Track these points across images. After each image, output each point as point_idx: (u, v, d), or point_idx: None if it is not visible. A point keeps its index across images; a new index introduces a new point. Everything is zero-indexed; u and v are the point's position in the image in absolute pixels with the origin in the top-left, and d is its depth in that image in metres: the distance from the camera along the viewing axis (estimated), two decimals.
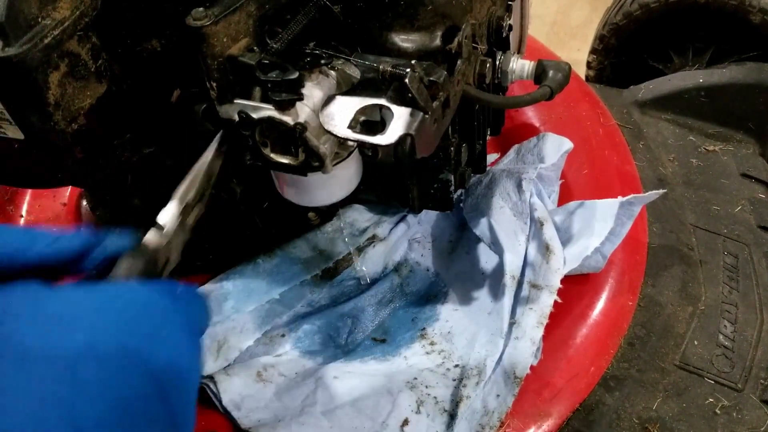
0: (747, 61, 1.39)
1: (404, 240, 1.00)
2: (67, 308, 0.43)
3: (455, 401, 0.79)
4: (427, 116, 0.60)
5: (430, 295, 0.96)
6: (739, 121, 1.32)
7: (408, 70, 0.59)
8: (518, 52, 1.00)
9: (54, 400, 0.40)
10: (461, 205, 0.98)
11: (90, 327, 0.43)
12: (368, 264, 0.96)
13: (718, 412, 0.86)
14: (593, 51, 1.62)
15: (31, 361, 0.40)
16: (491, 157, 1.10)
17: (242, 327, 0.88)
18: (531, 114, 1.18)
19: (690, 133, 1.31)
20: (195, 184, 0.59)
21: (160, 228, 0.56)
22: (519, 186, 0.91)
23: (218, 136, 0.62)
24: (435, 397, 0.80)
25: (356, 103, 0.61)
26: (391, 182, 0.86)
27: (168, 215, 0.56)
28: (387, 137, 0.57)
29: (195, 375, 0.49)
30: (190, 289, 0.50)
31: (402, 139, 0.57)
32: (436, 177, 0.83)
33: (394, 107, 0.60)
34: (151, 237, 0.55)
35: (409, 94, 0.59)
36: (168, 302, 0.48)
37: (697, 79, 1.34)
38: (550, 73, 0.81)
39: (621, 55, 1.59)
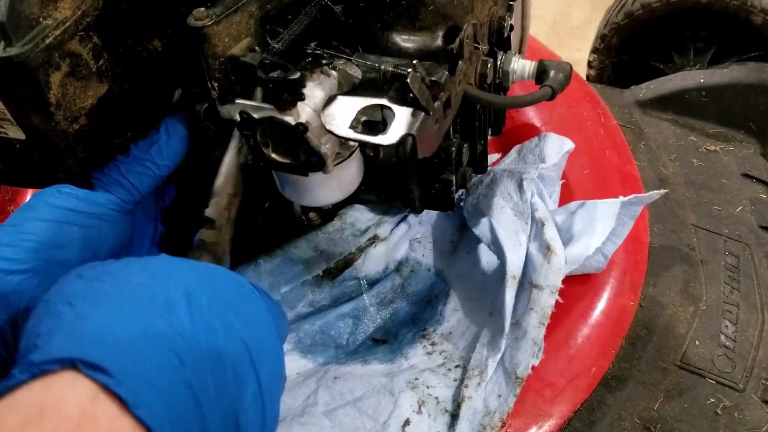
0: (748, 62, 1.39)
1: (405, 240, 1.00)
2: (166, 265, 0.47)
3: (457, 401, 0.79)
4: (428, 116, 0.60)
5: (431, 296, 0.96)
6: (740, 121, 1.32)
7: (409, 70, 0.59)
8: (519, 52, 1.00)
9: (155, 329, 0.42)
10: (462, 204, 0.98)
11: (185, 281, 0.46)
12: (369, 264, 0.96)
13: (720, 412, 0.86)
14: (594, 50, 1.62)
15: (136, 291, 0.43)
16: (492, 157, 1.10)
17: None
18: (532, 114, 1.18)
19: (691, 133, 1.31)
20: (230, 177, 0.59)
21: (212, 222, 0.56)
22: (520, 186, 0.91)
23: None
24: (436, 398, 0.80)
25: (358, 103, 0.61)
26: (393, 182, 0.85)
27: (215, 209, 0.57)
28: (388, 137, 0.57)
29: (281, 360, 0.50)
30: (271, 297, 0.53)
31: (403, 140, 0.57)
32: (438, 177, 0.83)
33: (395, 107, 0.60)
34: (206, 232, 0.56)
35: (411, 94, 0.59)
36: (253, 290, 0.50)
37: (698, 79, 1.34)
38: (552, 73, 0.81)
39: (622, 55, 1.59)
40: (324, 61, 0.65)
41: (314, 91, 0.63)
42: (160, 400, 0.39)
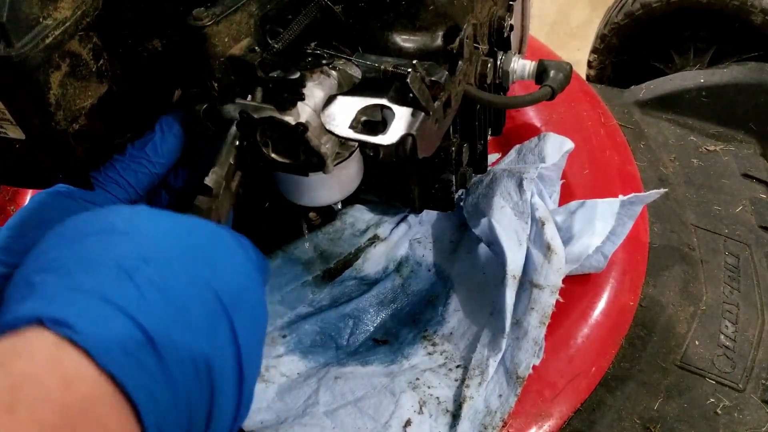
0: (748, 62, 1.39)
1: (405, 240, 1.00)
2: (139, 218, 0.48)
3: (458, 401, 0.79)
4: (428, 116, 0.60)
5: (431, 296, 0.96)
6: (740, 121, 1.32)
7: (409, 70, 0.59)
8: (519, 52, 1.00)
9: (120, 289, 0.43)
10: (462, 204, 0.98)
11: (155, 235, 0.47)
12: (369, 264, 0.96)
13: (719, 412, 0.86)
14: (594, 50, 1.62)
15: (99, 253, 0.45)
16: (492, 157, 1.10)
17: None
18: (532, 114, 1.18)
19: (691, 133, 1.31)
20: (232, 148, 0.60)
21: (209, 190, 0.57)
22: (520, 186, 0.91)
23: None
24: (437, 398, 0.80)
25: (358, 103, 0.61)
26: (393, 182, 0.85)
27: (213, 178, 0.58)
28: (388, 137, 0.57)
29: (261, 307, 0.51)
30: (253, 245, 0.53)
31: (403, 140, 0.57)
32: (438, 177, 0.83)
33: (395, 107, 0.60)
34: (201, 198, 0.56)
35: (411, 94, 0.59)
36: (234, 240, 0.51)
37: (698, 79, 1.34)
38: (552, 73, 0.81)
39: (622, 55, 1.59)
40: (324, 61, 0.65)
41: (314, 91, 0.63)
42: (120, 348, 0.40)
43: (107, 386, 0.40)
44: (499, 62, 0.84)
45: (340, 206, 0.97)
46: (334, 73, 0.65)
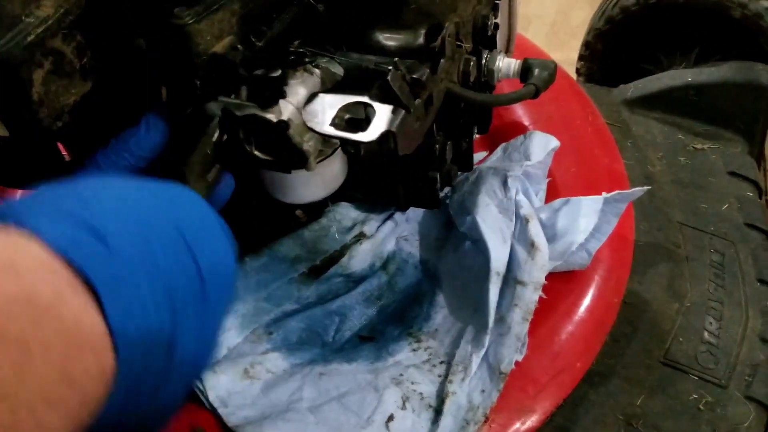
0: (735, 60, 1.40)
1: (392, 238, 1.00)
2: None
3: (441, 397, 0.80)
4: (409, 114, 0.61)
5: (417, 293, 0.96)
6: (728, 119, 1.33)
7: (390, 68, 0.60)
8: (507, 52, 1.01)
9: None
10: (447, 202, 0.98)
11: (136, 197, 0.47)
12: (355, 261, 0.96)
13: (702, 408, 0.87)
14: (581, 57, 1.62)
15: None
16: (481, 155, 1.10)
17: (230, 325, 0.88)
18: (521, 112, 1.19)
19: (679, 131, 1.31)
20: (210, 140, 0.60)
21: (182, 174, 0.58)
22: (505, 183, 0.92)
23: None
24: (420, 393, 0.81)
25: (339, 100, 0.61)
26: (378, 180, 0.86)
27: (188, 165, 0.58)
28: (368, 134, 0.58)
29: (231, 277, 0.52)
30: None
31: (384, 137, 0.58)
32: (423, 175, 0.84)
33: (376, 105, 0.60)
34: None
35: (392, 92, 0.59)
36: (208, 209, 0.52)
37: (686, 78, 1.35)
38: (536, 71, 0.82)
39: (608, 60, 1.60)
40: (307, 59, 0.65)
41: (297, 89, 0.63)
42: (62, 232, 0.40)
43: (65, 273, 0.39)
44: (484, 61, 0.85)
45: (330, 205, 0.98)
46: (317, 71, 0.66)
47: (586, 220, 0.88)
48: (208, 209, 0.51)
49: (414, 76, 0.62)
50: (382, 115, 0.59)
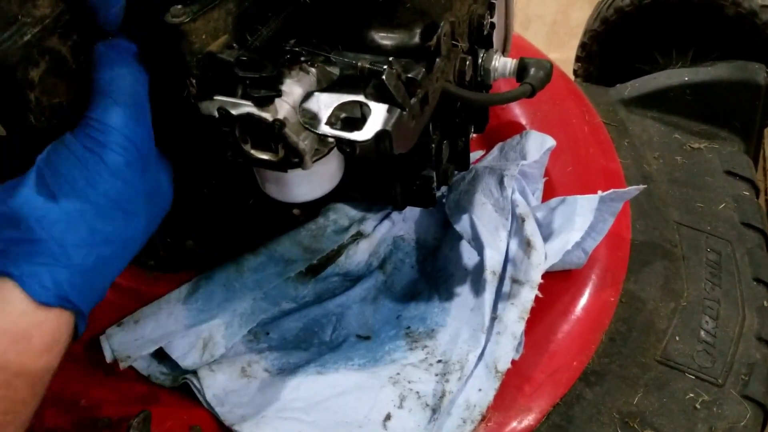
0: (729, 58, 1.40)
1: (389, 237, 1.00)
2: None
3: (438, 396, 0.80)
4: (404, 112, 0.61)
5: (414, 293, 0.96)
6: (724, 118, 1.33)
7: (385, 67, 0.60)
8: (504, 51, 1.01)
9: None
10: (444, 201, 0.98)
11: None
12: (352, 261, 0.96)
13: (698, 406, 0.87)
14: (578, 59, 1.63)
15: None
16: (477, 155, 1.11)
17: (227, 324, 0.88)
18: (518, 112, 1.19)
19: (675, 130, 1.31)
20: None
21: None
22: (501, 183, 0.92)
23: None
24: (417, 392, 0.81)
25: (335, 99, 0.62)
26: (376, 179, 0.86)
27: None
28: (363, 133, 0.58)
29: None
30: None
31: (379, 136, 0.58)
32: (419, 174, 0.84)
33: (372, 104, 0.60)
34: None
35: (387, 91, 0.60)
36: None
37: (683, 77, 1.35)
38: (532, 70, 0.82)
39: (605, 61, 1.60)
40: (303, 58, 0.65)
41: (293, 88, 0.63)
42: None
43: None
44: (480, 60, 0.85)
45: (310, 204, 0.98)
46: (313, 70, 0.66)
47: (581, 219, 0.88)
48: None
49: (409, 75, 0.62)
50: (378, 114, 0.59)
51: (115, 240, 0.60)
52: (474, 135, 0.98)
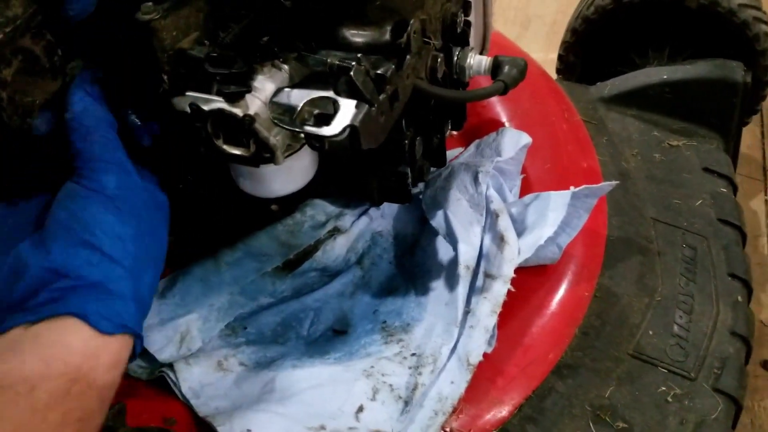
0: (702, 55, 1.42)
1: (367, 233, 1.01)
2: None
3: (410, 388, 0.81)
4: (372, 108, 0.62)
5: (391, 288, 0.97)
6: (703, 116, 1.35)
7: (353, 63, 0.61)
8: (482, 50, 1.02)
9: None
10: (421, 197, 0.99)
11: None
12: (330, 256, 0.97)
13: (670, 399, 0.88)
14: (560, 57, 1.65)
15: None
16: (457, 152, 1.12)
17: (205, 318, 0.89)
18: (498, 109, 1.20)
19: (654, 128, 1.33)
20: None
21: None
22: (476, 179, 0.93)
23: None
24: (391, 385, 0.82)
25: (305, 95, 0.63)
26: (352, 175, 0.87)
27: None
28: (331, 129, 0.59)
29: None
30: None
31: (346, 131, 0.59)
32: (394, 170, 0.85)
33: (341, 99, 0.61)
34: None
35: (355, 87, 0.61)
36: None
37: (662, 75, 1.36)
38: (506, 68, 0.84)
39: (586, 59, 1.61)
40: (275, 55, 0.66)
41: (265, 84, 0.64)
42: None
43: None
44: (456, 58, 0.86)
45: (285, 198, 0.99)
46: (285, 66, 0.67)
47: (554, 214, 0.89)
48: None
49: (378, 72, 0.64)
50: (346, 110, 0.60)
51: (150, 261, 0.67)
52: (453, 132, 0.99)
